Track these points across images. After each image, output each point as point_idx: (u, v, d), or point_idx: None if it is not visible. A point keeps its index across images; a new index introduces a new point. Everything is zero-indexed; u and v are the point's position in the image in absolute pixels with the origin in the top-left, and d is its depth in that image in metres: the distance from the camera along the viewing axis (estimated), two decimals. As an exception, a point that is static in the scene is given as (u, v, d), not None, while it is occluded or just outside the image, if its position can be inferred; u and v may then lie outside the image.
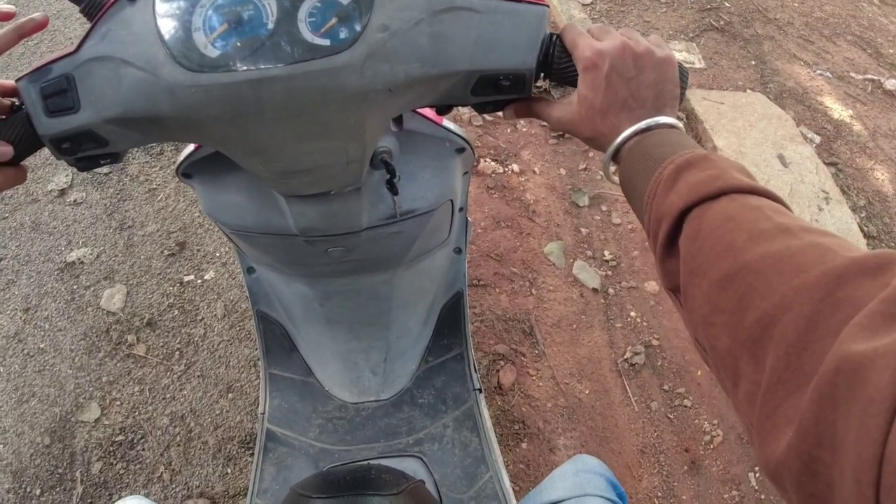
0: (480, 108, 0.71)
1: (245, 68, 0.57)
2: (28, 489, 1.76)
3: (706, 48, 3.20)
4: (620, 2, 3.45)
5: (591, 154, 2.63)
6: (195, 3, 0.58)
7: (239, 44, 0.57)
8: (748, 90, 2.96)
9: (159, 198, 2.42)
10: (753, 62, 3.14)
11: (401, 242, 1.11)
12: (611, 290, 2.18)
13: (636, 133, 0.58)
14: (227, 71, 0.57)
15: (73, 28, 3.37)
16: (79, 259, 2.23)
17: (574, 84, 0.63)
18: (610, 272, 2.23)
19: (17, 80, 0.64)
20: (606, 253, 2.27)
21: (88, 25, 0.61)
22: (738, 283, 0.41)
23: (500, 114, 0.72)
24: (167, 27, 0.57)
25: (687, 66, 2.99)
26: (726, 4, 3.51)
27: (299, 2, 0.57)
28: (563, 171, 2.55)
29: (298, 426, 1.42)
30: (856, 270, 0.35)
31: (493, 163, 2.52)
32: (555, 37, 0.64)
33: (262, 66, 0.57)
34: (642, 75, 0.59)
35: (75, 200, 2.42)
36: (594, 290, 2.16)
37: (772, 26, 3.41)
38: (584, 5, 3.38)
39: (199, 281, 2.14)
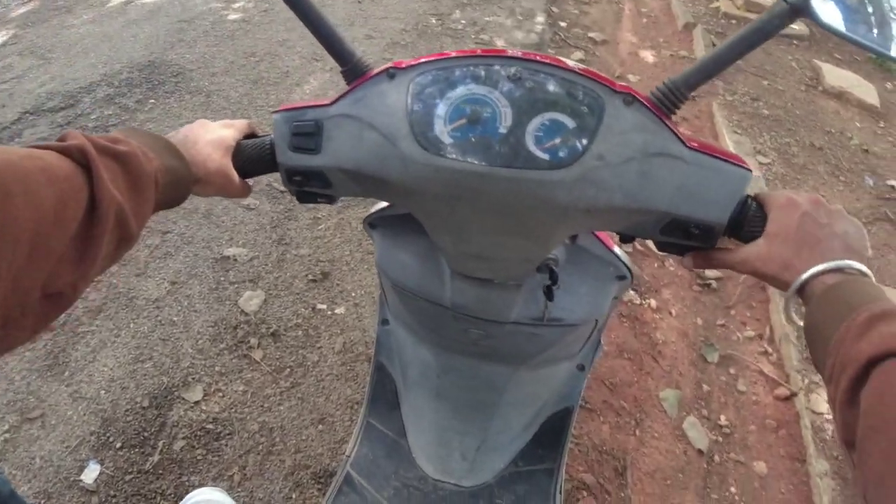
0: (661, 247, 0.74)
1: (472, 161, 0.64)
2: (111, 439, 1.89)
3: (876, 237, 3.04)
4: (798, 170, 3.38)
5: (732, 312, 2.54)
6: (443, 94, 0.66)
7: (472, 139, 0.64)
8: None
9: (320, 227, 2.61)
10: (925, 266, 2.93)
11: (536, 344, 1.13)
12: (716, 458, 2.05)
13: (828, 271, 0.57)
14: (455, 159, 0.64)
15: (292, 58, 3.79)
16: (234, 256, 2.44)
17: None
18: (721, 438, 2.11)
19: (272, 112, 0.75)
20: (723, 417, 2.16)
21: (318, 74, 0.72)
22: None
23: (669, 259, 0.74)
24: (415, 108, 0.66)
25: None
26: None
27: (531, 116, 0.64)
28: (699, 321, 2.48)
29: (376, 481, 1.44)
30: None
31: (631, 292, 2.50)
32: (751, 199, 0.66)
33: (487, 164, 0.64)
34: (834, 225, 0.60)
35: (248, 205, 2.66)
36: (700, 451, 2.05)
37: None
38: (761, 164, 3.34)
39: (329, 312, 2.27)
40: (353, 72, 0.74)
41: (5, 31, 4.27)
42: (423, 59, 0.69)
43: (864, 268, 0.57)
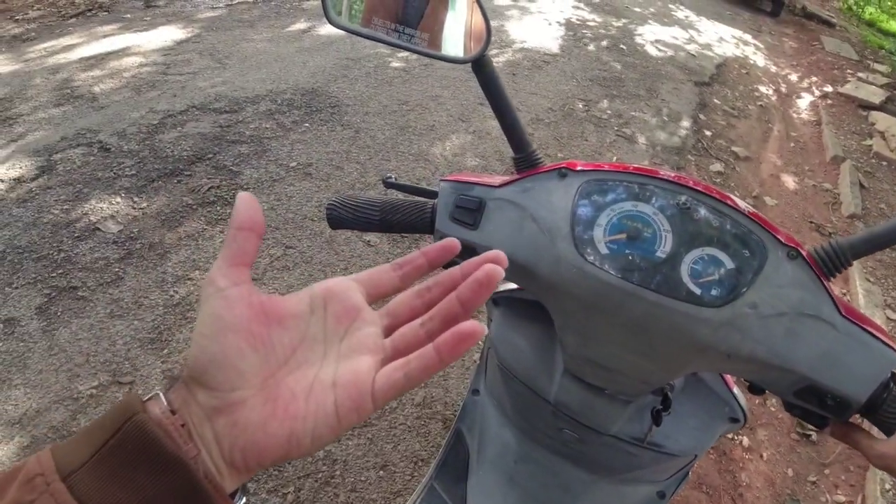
0: (790, 408, 0.71)
1: (623, 278, 0.64)
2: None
3: None
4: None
5: (826, 471, 2.35)
6: (609, 205, 0.67)
7: (629, 255, 0.65)
8: None
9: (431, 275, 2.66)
10: None
11: (627, 463, 1.10)
12: None
13: None
14: (607, 271, 0.65)
15: (440, 114, 3.96)
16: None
17: (888, 432, 0.62)
18: None
19: (441, 180, 0.79)
20: (797, 585, 1.99)
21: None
22: None
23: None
24: (579, 211, 0.68)
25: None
26: None
27: (691, 247, 0.64)
28: (790, 472, 2.31)
29: None
30: None
31: (727, 423, 2.38)
32: (893, 384, 0.63)
33: (637, 285, 0.64)
34: None
35: (370, 241, 2.78)
36: None
37: None
38: (889, 319, 3.12)
39: (421, 362, 2.29)
40: (526, 161, 0.78)
41: (191, 28, 4.76)
42: (598, 166, 0.71)
43: None
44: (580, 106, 4.58)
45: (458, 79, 4.47)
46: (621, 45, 6.14)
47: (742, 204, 0.67)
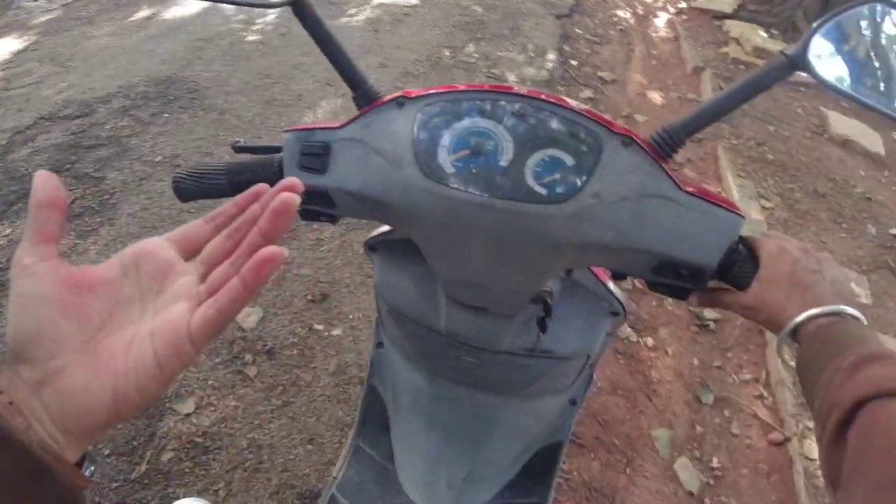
0: (652, 286, 0.76)
1: (471, 191, 0.66)
2: (99, 446, 1.88)
3: (876, 285, 3.04)
4: (800, 215, 3.40)
5: (729, 354, 2.53)
6: (448, 125, 0.68)
7: (473, 169, 0.66)
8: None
9: (322, 248, 2.64)
10: (925, 317, 2.92)
11: (526, 376, 1.13)
12: (707, 501, 2.03)
13: (822, 315, 0.59)
14: (456, 188, 0.66)
15: (306, 82, 3.85)
16: (235, 272, 2.45)
17: (742, 287, 0.67)
18: (712, 481, 2.09)
19: (283, 132, 0.78)
20: (715, 460, 2.14)
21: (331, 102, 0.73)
22: None
23: (668, 299, 0.75)
24: (420, 136, 0.68)
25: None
26: None
27: (531, 151, 0.66)
28: (695, 362, 2.48)
29: None
30: None
31: (629, 329, 2.50)
32: (741, 245, 0.68)
33: (486, 195, 0.65)
34: (825, 271, 0.62)
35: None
36: (690, 493, 2.03)
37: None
38: (763, 208, 3.36)
39: (326, 333, 2.27)
40: (364, 98, 0.77)
41: (27, 36, 4.36)
42: (431, 91, 0.71)
43: (856, 312, 0.59)
44: (447, 54, 4.57)
45: (319, 44, 4.32)
46: (480, -12, 6.15)
47: (574, 103, 0.69)
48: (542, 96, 0.69)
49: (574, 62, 4.82)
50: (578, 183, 0.64)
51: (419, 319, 1.05)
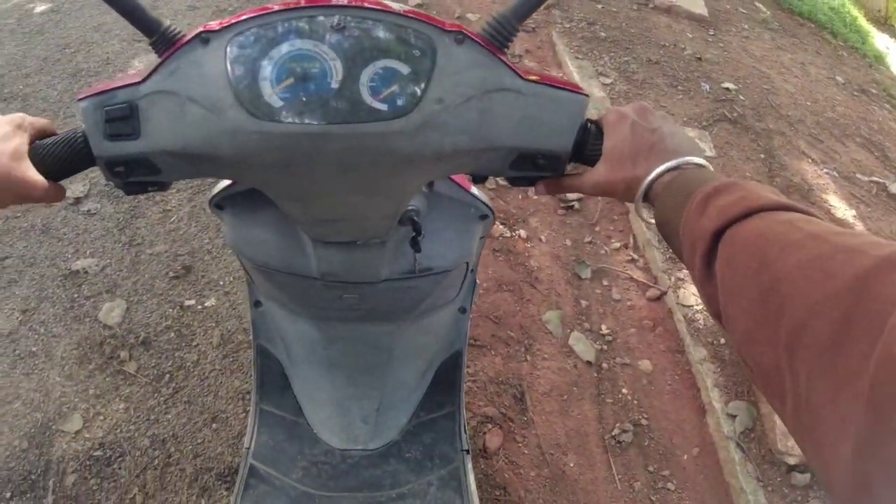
0: (514, 182, 0.75)
1: (306, 122, 0.60)
2: (-2, 492, 1.73)
3: (718, 137, 3.29)
4: (639, 85, 3.58)
5: (597, 228, 2.68)
6: (265, 53, 0.61)
7: (303, 98, 0.60)
8: (754, 182, 3.03)
9: (172, 219, 2.45)
10: (762, 155, 3.23)
11: (413, 297, 1.13)
12: (605, 365, 2.19)
13: (667, 171, 0.60)
14: (289, 122, 0.60)
15: (111, 43, 3.47)
16: (83, 269, 2.24)
17: (594, 164, 0.68)
18: (605, 347, 2.25)
19: (78, 100, 0.67)
20: (604, 327, 2.29)
21: (140, 51, 0.65)
22: (773, 297, 0.40)
23: (531, 189, 0.76)
24: (236, 73, 0.61)
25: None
26: (741, 97, 3.64)
27: (362, 66, 0.61)
28: (568, 242, 2.60)
29: (282, 466, 1.41)
30: (886, 267, 0.34)
31: (501, 226, 2.57)
32: (590, 124, 0.69)
33: (322, 123, 0.60)
34: (664, 127, 0.64)
35: (89, 210, 2.45)
36: (588, 362, 2.17)
37: (783, 122, 3.53)
38: (604, 85, 3.50)
39: (199, 307, 2.15)
40: (163, 42, 0.65)
41: None
42: (236, 18, 0.63)
43: (698, 160, 0.61)
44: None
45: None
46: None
47: (397, 6, 0.64)
48: (363, 3, 0.63)
49: (397, -29, 4.65)
50: (418, 91, 0.61)
51: (288, 269, 1.01)
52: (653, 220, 0.62)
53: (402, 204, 0.79)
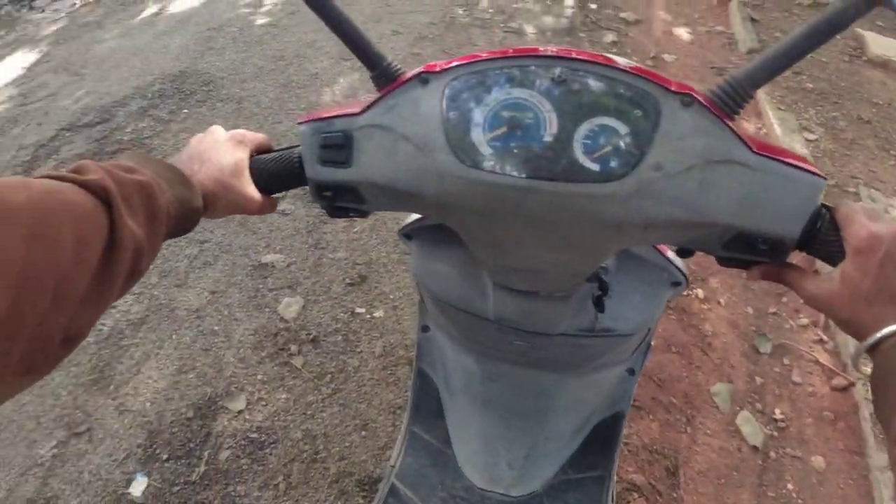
0: (724, 262, 0.67)
1: (513, 174, 0.58)
2: (157, 451, 1.91)
3: None
4: (847, 145, 3.24)
5: (784, 298, 2.44)
6: (480, 100, 0.60)
7: (514, 148, 0.59)
8: None
9: (355, 229, 2.60)
10: None
11: (585, 354, 1.08)
12: (772, 454, 1.98)
13: None
14: (498, 173, 0.59)
15: (321, 60, 3.78)
16: (271, 262, 2.44)
17: (831, 262, 0.59)
18: (776, 433, 2.03)
19: (299, 123, 0.71)
20: (777, 411, 2.08)
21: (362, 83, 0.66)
22: None
23: (744, 273, 0.68)
24: (450, 116, 0.61)
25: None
26: None
27: (579, 122, 0.58)
28: (749, 310, 2.39)
29: (422, 492, 1.41)
30: None
31: (678, 282, 2.43)
32: (825, 210, 0.60)
33: (530, 177, 0.58)
34: None
35: (284, 211, 2.66)
36: (754, 447, 1.97)
37: None
38: (807, 141, 3.21)
39: (368, 316, 2.25)
40: (384, 77, 0.68)
41: (38, 49, 4.37)
42: (457, 62, 0.64)
43: None
44: (460, 12, 4.43)
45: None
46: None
47: (622, 61, 0.61)
48: (585, 56, 0.61)
49: (593, 5, 4.63)
50: (636, 154, 0.57)
51: (465, 307, 1.00)
52: (868, 369, 0.54)
53: (595, 265, 0.75)
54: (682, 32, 4.43)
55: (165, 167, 0.61)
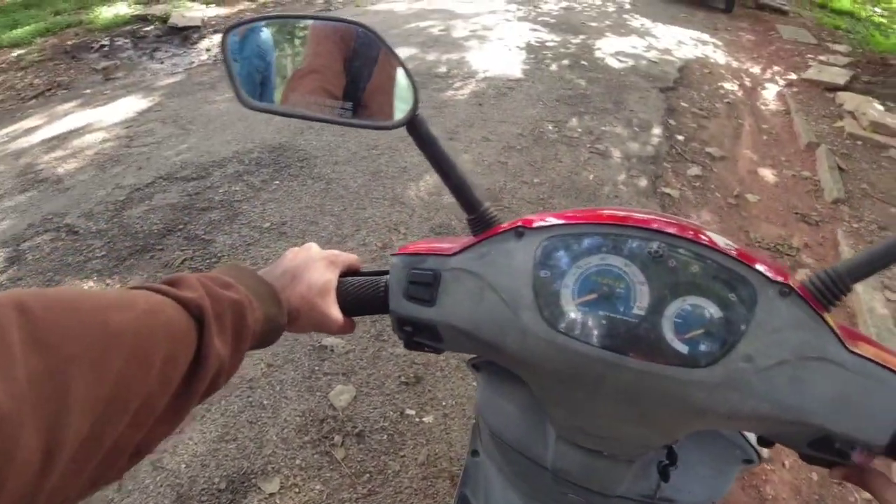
0: (808, 460, 0.64)
1: (600, 346, 0.57)
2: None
3: None
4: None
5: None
6: (573, 262, 0.60)
7: (602, 318, 0.58)
8: None
9: (417, 326, 2.60)
10: None
11: None
12: None
13: None
14: (582, 341, 0.58)
15: (411, 155, 3.92)
16: (331, 346, 2.46)
17: None
18: None
19: (392, 255, 0.72)
20: None
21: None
22: None
23: (827, 471, 0.64)
24: (541, 274, 0.60)
25: None
26: None
27: (670, 299, 0.57)
28: (814, 476, 2.23)
29: None
30: None
31: (742, 439, 2.31)
32: None
33: (616, 351, 0.57)
34: None
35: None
36: None
37: None
38: (889, 301, 3.07)
39: (417, 419, 2.21)
40: (480, 222, 0.70)
41: (152, 97, 4.73)
42: (555, 220, 0.64)
43: None
44: (550, 127, 4.56)
45: (424, 116, 4.43)
46: (582, 62, 6.18)
47: (722, 242, 0.60)
48: (688, 234, 0.60)
49: (680, 137, 4.69)
50: (727, 342, 0.55)
51: (522, 450, 0.97)
52: None
53: (672, 440, 0.72)
54: (768, 173, 4.41)
55: (260, 283, 0.62)
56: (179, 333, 0.46)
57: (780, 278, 0.58)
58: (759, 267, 0.58)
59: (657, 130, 4.69)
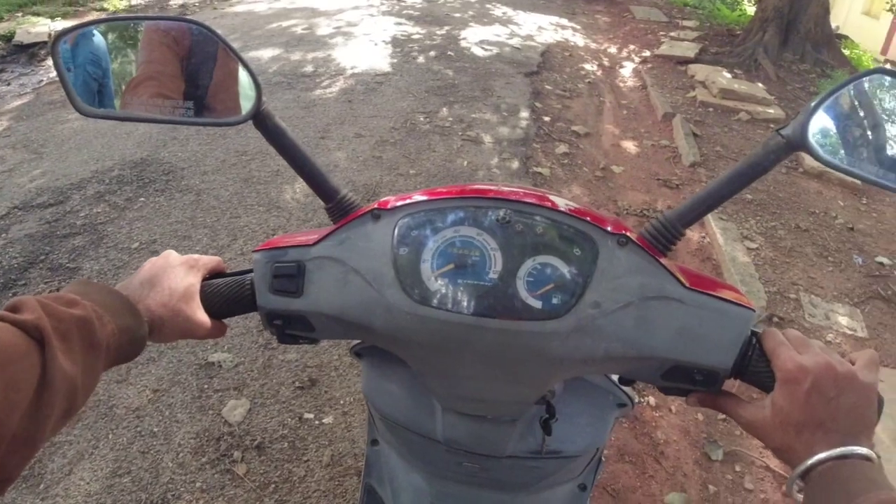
0: (665, 391, 0.70)
1: (460, 311, 0.60)
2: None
3: (870, 316, 3.02)
4: (786, 253, 3.40)
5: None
6: (429, 237, 0.63)
7: (461, 286, 0.61)
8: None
9: (310, 330, 2.56)
10: (923, 344, 2.88)
11: (534, 475, 1.07)
12: (729, 566, 1.94)
13: (831, 459, 0.54)
14: (445, 310, 0.61)
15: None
16: (219, 362, 2.36)
17: (765, 389, 0.61)
18: (732, 543, 2.00)
19: (254, 251, 0.72)
20: (733, 521, 2.05)
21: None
22: None
23: (684, 399, 0.70)
24: (400, 252, 0.63)
25: (848, 333, 2.82)
26: (895, 273, 3.33)
27: (521, 260, 0.61)
28: (700, 417, 2.41)
29: None
30: None
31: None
32: (755, 339, 0.63)
33: (476, 314, 0.60)
34: (842, 397, 0.57)
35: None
36: (711, 561, 1.93)
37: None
38: (749, 249, 3.36)
39: (317, 422, 2.17)
40: (338, 209, 0.72)
41: (-1, 122, 4.33)
42: (408, 199, 0.67)
43: (866, 451, 0.55)
44: (422, 119, 4.62)
45: (293, 117, 4.38)
46: (449, 52, 6.31)
47: (562, 203, 0.65)
48: (528, 198, 0.65)
49: (547, 118, 4.89)
50: (576, 292, 0.60)
51: (413, 428, 0.99)
52: (800, 496, 0.56)
53: (540, 394, 0.77)
54: (630, 145, 4.69)
55: (112, 296, 0.60)
56: (17, 356, 0.46)
57: (618, 230, 0.63)
58: (597, 222, 0.63)
59: (525, 114, 4.86)
